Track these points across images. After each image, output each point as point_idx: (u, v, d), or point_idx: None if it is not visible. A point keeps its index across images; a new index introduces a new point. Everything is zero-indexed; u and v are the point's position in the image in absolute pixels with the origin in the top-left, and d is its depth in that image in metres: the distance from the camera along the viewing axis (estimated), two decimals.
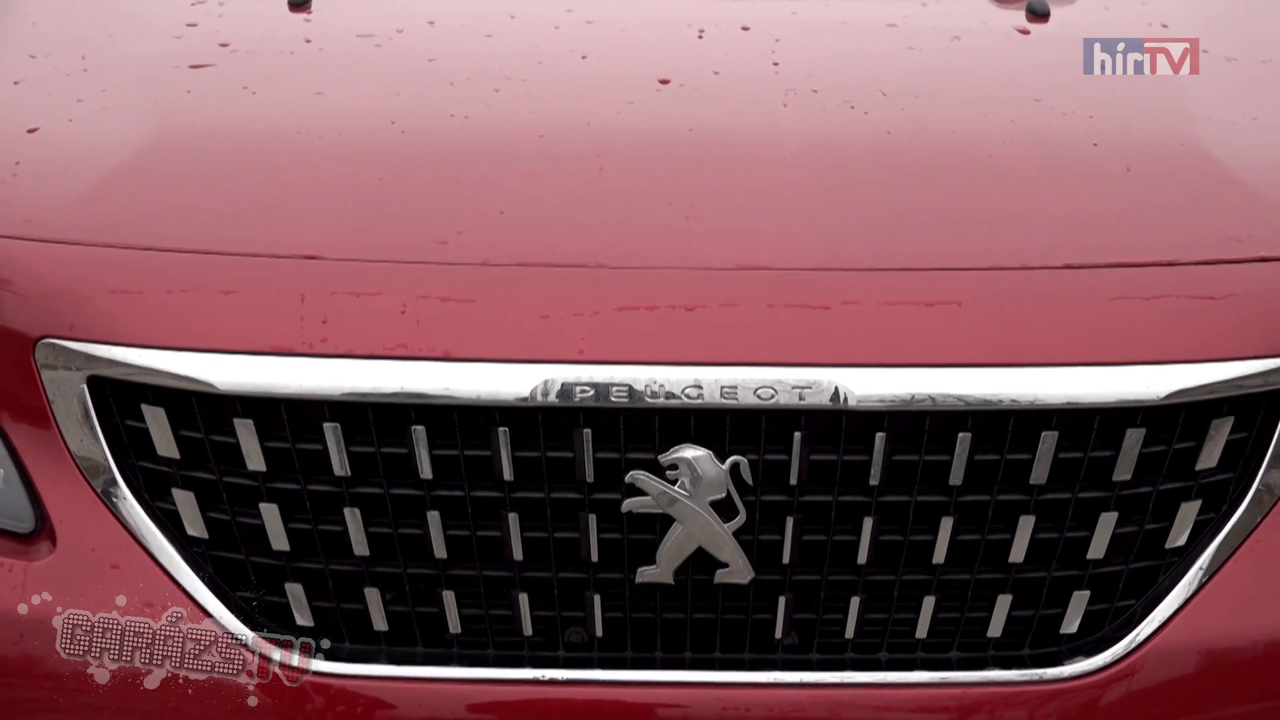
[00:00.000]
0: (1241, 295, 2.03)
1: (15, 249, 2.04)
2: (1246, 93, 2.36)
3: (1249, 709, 1.99)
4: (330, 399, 1.92)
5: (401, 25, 2.55)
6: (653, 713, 1.94)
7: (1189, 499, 1.98)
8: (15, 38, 2.47)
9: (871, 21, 2.57)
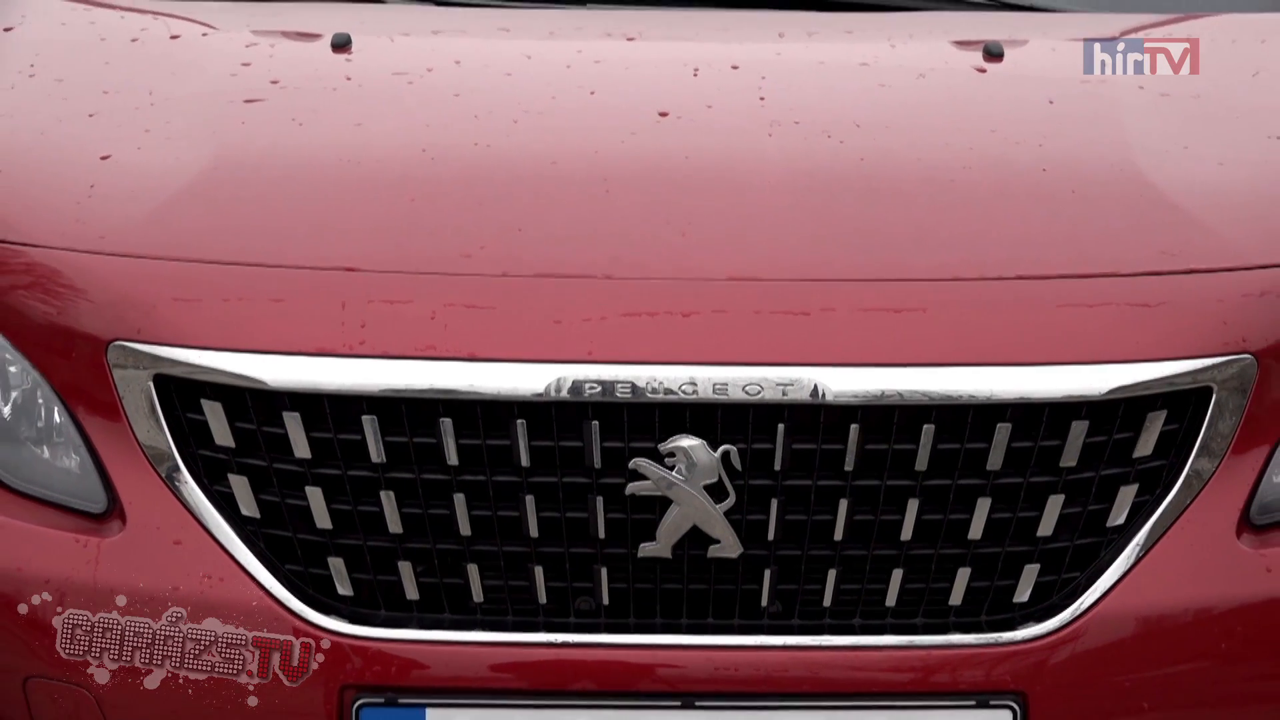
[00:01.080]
0: (1173, 303, 2.04)
1: (91, 262, 2.05)
2: (1178, 125, 2.36)
3: (1180, 669, 1.99)
4: (368, 394, 1.92)
5: (431, 65, 2.55)
6: (653, 672, 1.95)
7: (1127, 483, 1.98)
8: (90, 76, 2.47)
9: (846, 61, 2.58)
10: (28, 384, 2.05)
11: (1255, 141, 2.35)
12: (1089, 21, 2.79)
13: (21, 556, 1.99)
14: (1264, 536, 2.03)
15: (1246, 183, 2.23)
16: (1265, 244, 2.12)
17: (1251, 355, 2.02)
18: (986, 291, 2.03)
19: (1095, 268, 2.06)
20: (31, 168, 2.23)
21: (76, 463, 2.02)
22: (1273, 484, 2.05)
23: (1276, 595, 2.01)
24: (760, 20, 2.71)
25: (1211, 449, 2.01)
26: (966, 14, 2.78)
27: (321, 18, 2.60)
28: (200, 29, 2.63)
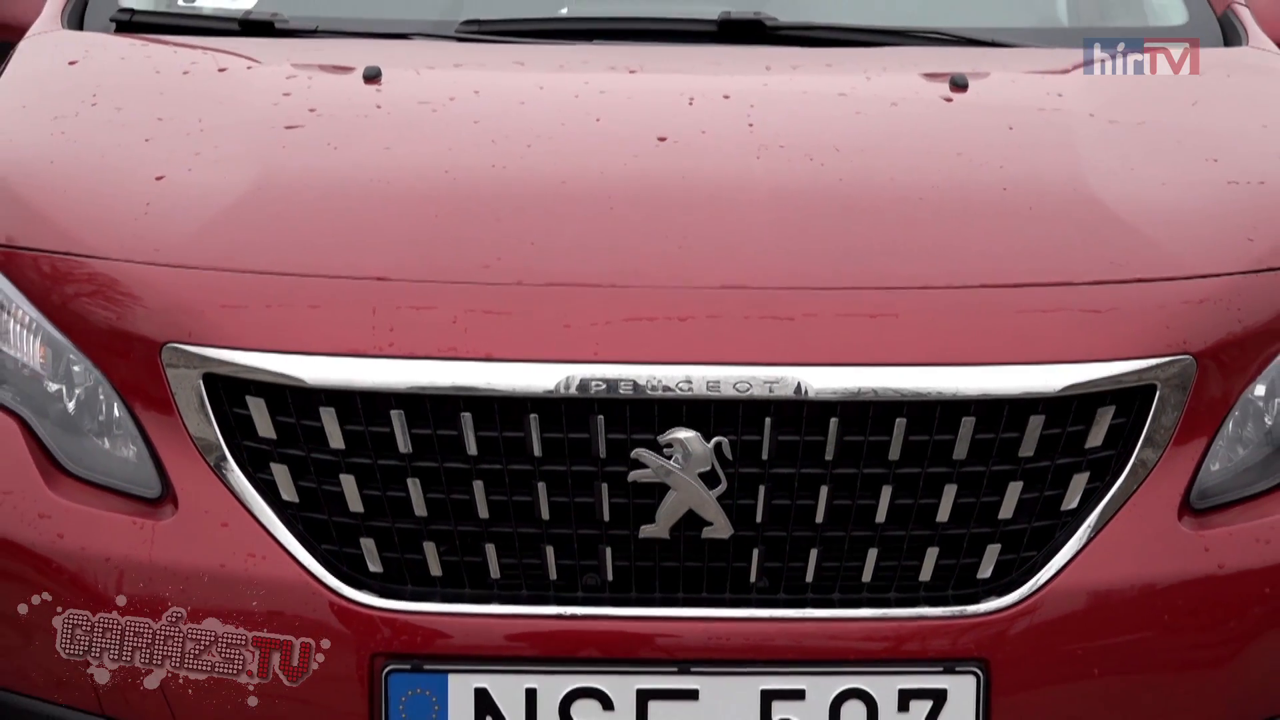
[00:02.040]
0: (1121, 309, 2.04)
1: (147, 273, 2.05)
2: (1125, 149, 2.36)
3: (1127, 638, 1.99)
4: (396, 391, 1.93)
5: (453, 94, 2.55)
6: (652, 641, 1.95)
7: (1079, 471, 1.98)
8: (146, 105, 2.48)
9: (826, 91, 2.58)
10: (90, 382, 2.06)
11: (1193, 163, 2.36)
12: (1045, 56, 2.80)
13: (85, 535, 1.99)
14: (1202, 519, 2.03)
15: (1186, 200, 2.23)
16: (1203, 256, 2.12)
17: (1191, 356, 2.02)
18: (953, 298, 2.03)
19: (1050, 277, 2.07)
20: (94, 187, 2.23)
21: (133, 453, 2.03)
22: (1210, 472, 2.05)
23: (1213, 572, 2.00)
24: (749, 55, 2.71)
25: (1155, 440, 2.01)
26: (934, 49, 2.78)
27: (354, 52, 2.60)
28: (245, 63, 2.63)
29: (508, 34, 2.78)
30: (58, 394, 2.07)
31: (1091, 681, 1.98)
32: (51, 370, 2.08)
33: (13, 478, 2.03)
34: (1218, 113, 2.61)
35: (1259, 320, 2.09)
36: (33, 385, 2.08)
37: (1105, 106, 2.52)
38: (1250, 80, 2.73)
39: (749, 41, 2.74)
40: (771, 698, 1.93)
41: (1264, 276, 2.13)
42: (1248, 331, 2.08)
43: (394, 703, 1.93)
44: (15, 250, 2.13)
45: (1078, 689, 1.98)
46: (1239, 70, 2.76)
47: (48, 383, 2.07)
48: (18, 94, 2.57)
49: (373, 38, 2.74)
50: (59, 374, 2.07)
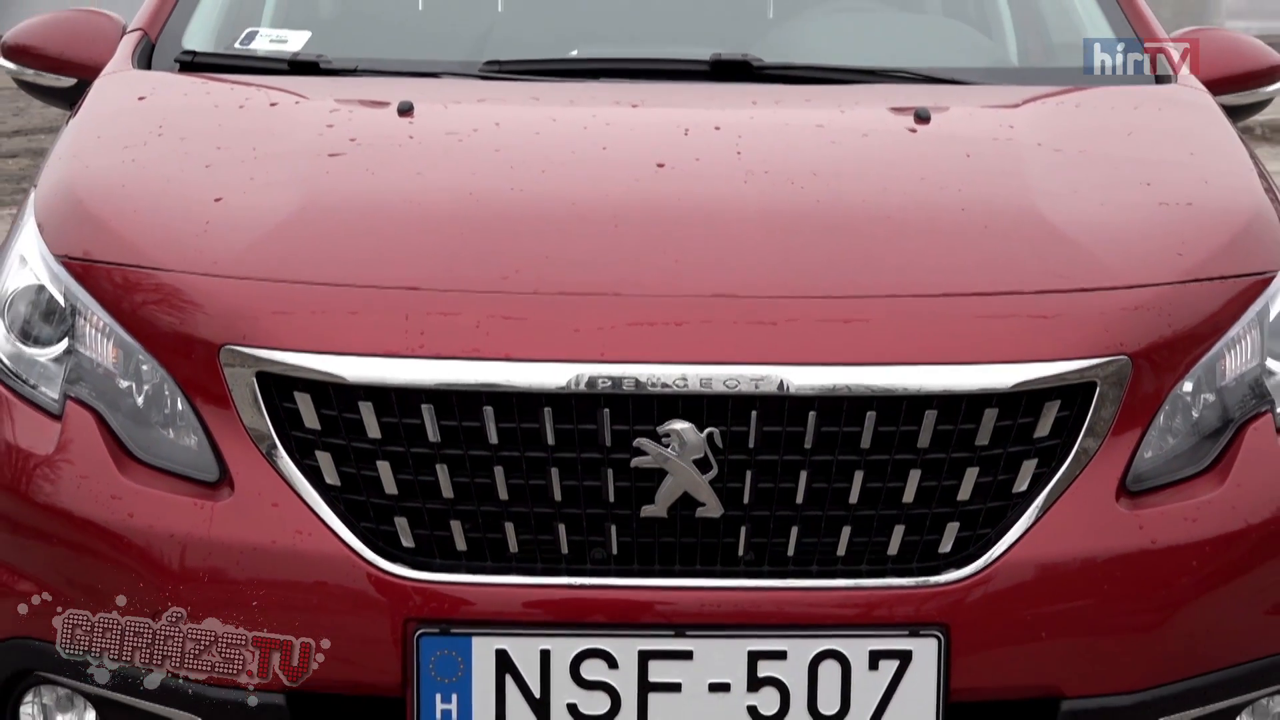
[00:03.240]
0: (1065, 315, 2.04)
1: (206, 283, 2.05)
2: (1068, 174, 2.36)
3: (1070, 605, 1.99)
4: (426, 388, 1.93)
5: (476, 126, 2.55)
6: (652, 607, 1.94)
7: (1028, 458, 1.98)
8: (206, 135, 2.48)
9: (806, 123, 2.58)
10: (156, 380, 2.05)
11: (1129, 187, 2.35)
12: (998, 92, 2.80)
13: (152, 514, 1.99)
14: (1137, 500, 2.03)
15: (1122, 219, 2.23)
16: (1138, 268, 2.12)
17: (1127, 357, 2.02)
18: (917, 305, 2.03)
19: (1003, 287, 2.07)
20: (160, 208, 2.23)
21: (195, 442, 2.02)
22: (1144, 459, 2.05)
23: (1146, 547, 2.00)
24: (737, 91, 2.71)
25: (1095, 431, 2.00)
26: (901, 86, 2.78)
27: (390, 89, 2.61)
28: (293, 98, 2.63)
29: (525, 73, 2.78)
30: (128, 390, 2.07)
31: (1039, 643, 1.98)
32: (123, 369, 2.07)
33: (89, 464, 2.03)
34: (1150, 142, 2.61)
35: (1187, 325, 2.09)
36: (106, 383, 2.08)
37: (1051, 137, 2.52)
38: (1179, 114, 2.73)
39: (737, 80, 2.74)
40: (757, 658, 1.93)
41: (1191, 287, 2.13)
42: (1177, 335, 2.08)
43: (424, 662, 1.93)
44: (91, 263, 2.14)
45: (1027, 650, 1.98)
46: (1169, 105, 2.76)
47: (119, 380, 2.07)
48: (94, 126, 2.58)
49: (406, 76, 2.74)
50: (129, 372, 2.07)
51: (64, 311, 2.13)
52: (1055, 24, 3.13)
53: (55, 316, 2.14)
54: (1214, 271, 2.16)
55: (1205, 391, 2.09)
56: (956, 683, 1.95)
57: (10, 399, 2.11)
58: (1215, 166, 2.47)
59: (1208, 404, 2.10)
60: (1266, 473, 2.08)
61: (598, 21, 3.20)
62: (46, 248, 2.19)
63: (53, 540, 2.04)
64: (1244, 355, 2.13)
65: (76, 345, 2.10)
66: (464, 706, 1.93)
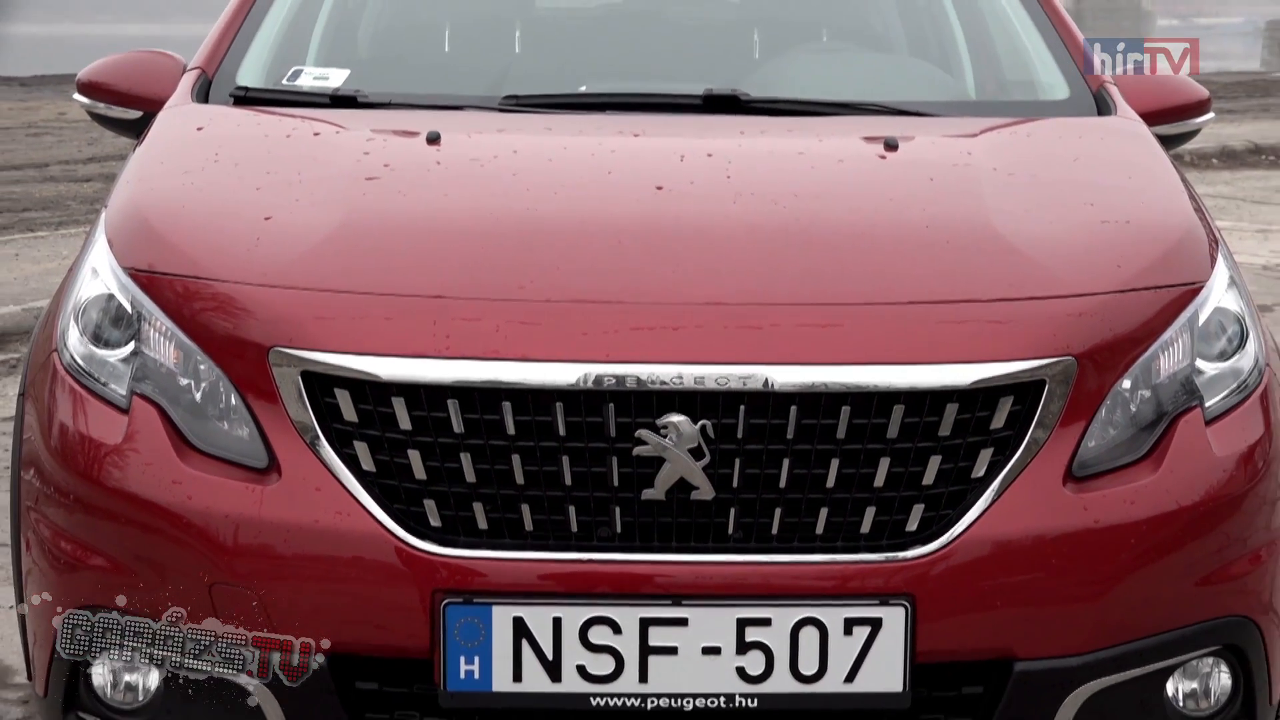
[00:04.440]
0: (1017, 321, 2.03)
1: (257, 292, 2.04)
2: (1021, 195, 2.35)
3: (1022, 578, 1.98)
4: (451, 385, 1.92)
5: (496, 153, 2.55)
6: (651, 580, 1.94)
7: (985, 447, 1.97)
8: (257, 161, 2.48)
9: (787, 150, 2.57)
10: (212, 378, 2.05)
11: (1075, 207, 2.35)
12: (958, 123, 2.79)
13: (208, 497, 1.99)
14: (1082, 485, 2.02)
15: (1068, 235, 2.22)
16: (1082, 279, 2.11)
17: (1073, 357, 2.01)
18: (887, 312, 2.03)
19: (963, 295, 2.06)
20: (216, 225, 2.23)
21: (246, 433, 2.02)
22: (1088, 448, 2.04)
23: (1090, 526, 2.00)
24: (727, 122, 2.71)
25: (1045, 423, 2.00)
26: (872, 118, 2.77)
27: (420, 120, 2.60)
28: (334, 129, 2.62)
29: (539, 106, 2.77)
30: (187, 387, 2.06)
31: (995, 612, 1.98)
32: (182, 369, 2.07)
33: (153, 453, 2.03)
34: (1093, 168, 2.60)
35: (1126, 329, 2.08)
36: (168, 380, 2.07)
37: (1005, 163, 2.51)
38: (1118, 142, 2.72)
39: (727, 112, 2.73)
40: (745, 624, 1.92)
41: (1129, 295, 2.12)
42: (1117, 338, 2.07)
43: (450, 628, 1.92)
44: (155, 275, 2.13)
45: (984, 617, 1.98)
46: (1109, 135, 2.75)
47: (180, 378, 2.07)
48: (158, 153, 2.57)
49: (433, 109, 2.73)
50: (188, 371, 2.06)
51: (131, 317, 2.12)
52: (1008, 63, 3.13)
53: (123, 322, 2.13)
54: (1149, 282, 2.15)
55: (1142, 388, 2.09)
56: (922, 646, 1.94)
57: (83, 395, 2.11)
58: (1150, 189, 2.46)
59: (1144, 399, 2.09)
60: (1196, 460, 2.07)
61: (603, 61, 3.21)
62: (115, 261, 2.19)
63: (120, 520, 2.03)
64: (1176, 356, 2.12)
65: (142, 347, 2.10)
66: (485, 667, 1.93)
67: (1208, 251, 2.28)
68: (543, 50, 3.28)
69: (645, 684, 1.93)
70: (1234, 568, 2.09)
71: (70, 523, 2.08)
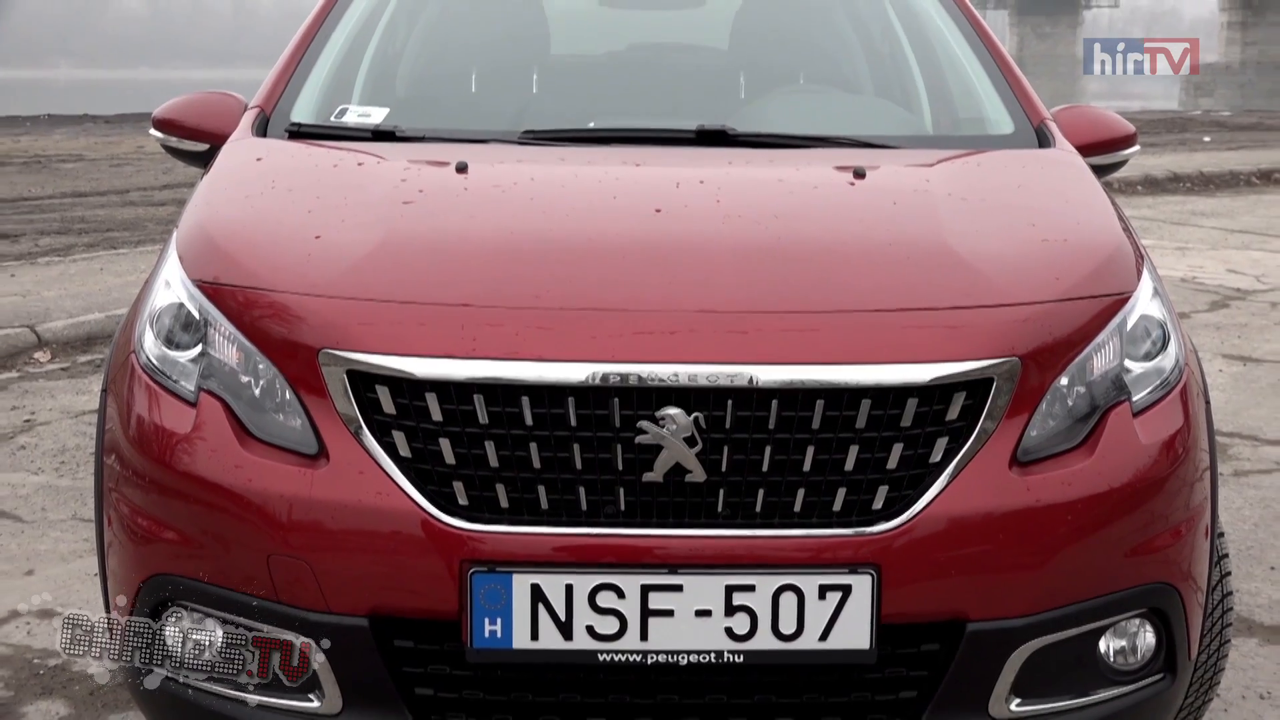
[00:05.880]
0: (969, 326, 2.02)
1: (309, 301, 2.03)
2: (972, 217, 2.34)
3: (974, 550, 1.97)
4: (477, 382, 1.91)
5: (516, 181, 2.54)
6: (651, 551, 1.93)
7: (941, 436, 1.96)
8: (309, 187, 2.47)
9: (769, 178, 2.56)
10: (269, 376, 2.04)
11: (1019, 227, 2.34)
12: (918, 154, 2.78)
13: (266, 480, 1.98)
14: (1025, 469, 2.01)
15: (1014, 252, 2.21)
16: (1025, 290, 2.10)
17: (1017, 358, 2.00)
18: (856, 318, 2.02)
19: (922, 304, 2.05)
20: (272, 243, 2.22)
21: (299, 424, 2.01)
22: (1031, 437, 2.03)
23: (1032, 505, 1.99)
24: (717, 154, 2.70)
25: (993, 415, 1.99)
26: (843, 150, 2.76)
27: (450, 152, 2.59)
28: (375, 159, 2.62)
29: (554, 139, 2.76)
30: (248, 384, 2.05)
31: (950, 579, 1.97)
32: (243, 368, 2.06)
33: (217, 441, 2.02)
34: (1035, 193, 2.59)
35: (1064, 333, 2.07)
36: (231, 378, 2.07)
37: (959, 189, 2.50)
38: (1057, 172, 2.71)
39: (717, 145, 2.73)
40: (732, 590, 1.92)
41: (1067, 304, 2.11)
42: (1056, 341, 2.06)
43: (476, 593, 1.91)
44: (220, 286, 2.12)
45: (941, 584, 1.97)
46: (1049, 165, 2.74)
47: (241, 376, 2.06)
48: (222, 180, 2.57)
49: (462, 142, 2.73)
50: (249, 370, 2.06)
51: (198, 323, 2.12)
52: (961, 102, 3.12)
53: (192, 327, 2.12)
54: (1084, 292, 2.14)
55: (1078, 385, 2.08)
56: (886, 609, 1.93)
57: (157, 391, 2.10)
58: (1085, 212, 2.45)
59: (1079, 394, 2.08)
60: (1125, 448, 2.07)
61: (609, 100, 3.20)
62: (185, 274, 2.18)
63: (189, 499, 2.03)
64: (1107, 357, 2.11)
65: (208, 349, 2.09)
66: (506, 627, 1.92)
67: (1134, 266, 2.27)
68: (557, 92, 3.27)
69: (646, 642, 1.92)
70: (1157, 541, 2.08)
71: (146, 501, 2.07)
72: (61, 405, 5.18)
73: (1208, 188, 13.27)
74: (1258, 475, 4.47)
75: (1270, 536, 3.92)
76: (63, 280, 7.21)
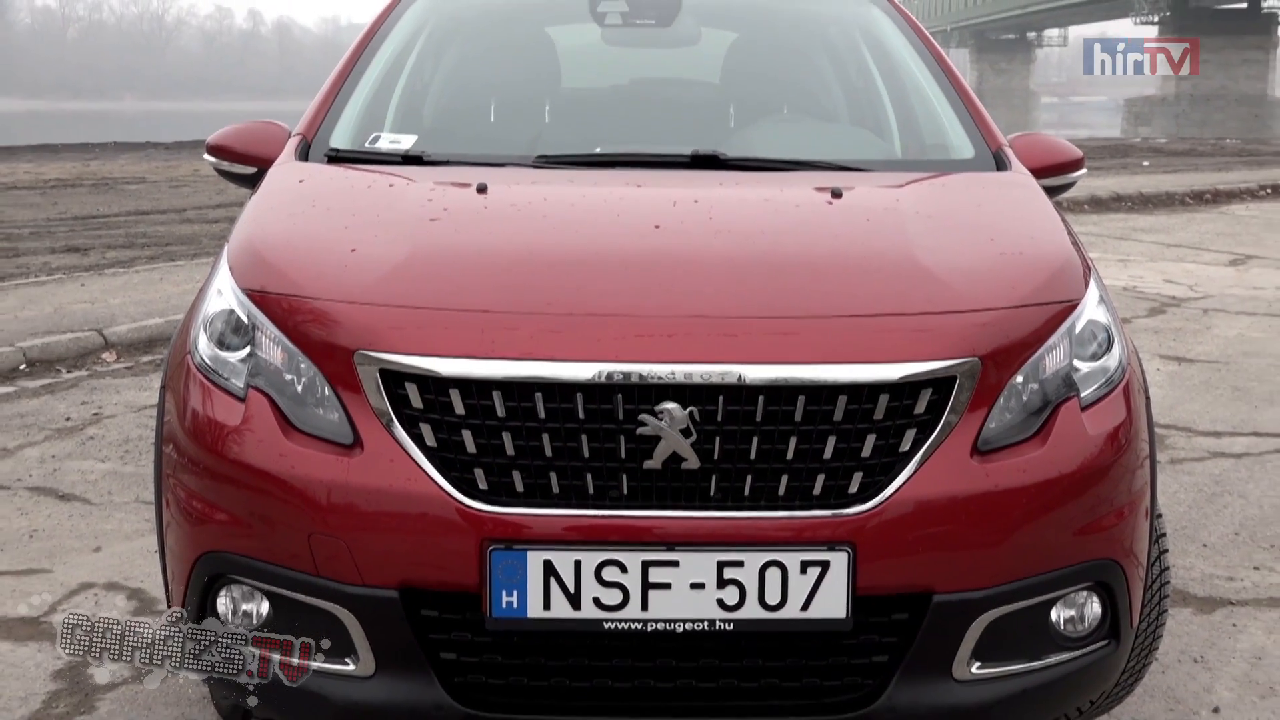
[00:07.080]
0: (935, 329, 2.01)
1: (345, 308, 2.03)
2: (938, 232, 2.33)
3: (939, 530, 1.96)
4: (495, 379, 1.91)
5: (530, 200, 2.53)
6: (650, 531, 1.92)
7: (910, 428, 1.96)
8: (345, 206, 2.46)
9: (755, 198, 2.56)
10: (310, 374, 2.03)
11: (980, 242, 2.33)
12: (889, 176, 2.77)
13: (307, 467, 1.98)
14: (985, 457, 2.00)
15: (975, 263, 2.21)
16: (985, 297, 2.10)
17: (978, 358, 2.00)
18: (834, 323, 2.01)
19: (893, 310, 2.04)
20: (313, 255, 2.21)
21: (336, 417, 2.00)
22: (990, 428, 2.02)
23: (991, 489, 1.98)
24: (709, 177, 2.69)
25: (956, 409, 1.98)
26: (822, 172, 2.75)
27: (472, 174, 2.59)
28: (405, 181, 2.61)
29: (565, 164, 2.76)
30: (291, 381, 2.05)
31: (918, 556, 1.96)
32: (287, 367, 2.05)
33: (264, 432, 2.02)
34: (993, 211, 2.58)
35: (1019, 336, 2.07)
36: (276, 376, 2.06)
37: (926, 208, 2.49)
38: (1013, 192, 2.70)
39: (709, 169, 2.72)
40: (723, 565, 1.91)
41: (1022, 310, 2.11)
42: (1012, 343, 2.05)
43: (495, 568, 1.91)
44: (266, 294, 2.12)
45: (909, 560, 1.96)
46: (1006, 186, 2.73)
47: (285, 374, 2.05)
48: (268, 200, 2.56)
49: (482, 166, 2.72)
50: (292, 369, 2.05)
51: (247, 327, 2.11)
52: (927, 130, 3.11)
53: (241, 330, 2.12)
54: (1037, 299, 2.14)
55: (1032, 382, 2.07)
56: (861, 582, 1.93)
57: (210, 387, 2.10)
58: (1037, 228, 2.44)
59: (1033, 391, 2.07)
60: (1074, 439, 2.06)
61: (614, 129, 3.19)
62: (235, 283, 2.18)
63: (238, 484, 2.02)
64: (1058, 357, 2.11)
65: (256, 350, 2.09)
66: (521, 599, 1.91)
67: (1082, 276, 2.27)
68: (567, 121, 3.26)
69: (646, 611, 1.91)
70: (1103, 521, 2.07)
71: (200, 486, 2.06)
72: (126, 400, 5.18)
73: (1146, 206, 13.26)
74: (1191, 463, 4.47)
75: (1202, 517, 3.92)
76: (127, 289, 7.21)
